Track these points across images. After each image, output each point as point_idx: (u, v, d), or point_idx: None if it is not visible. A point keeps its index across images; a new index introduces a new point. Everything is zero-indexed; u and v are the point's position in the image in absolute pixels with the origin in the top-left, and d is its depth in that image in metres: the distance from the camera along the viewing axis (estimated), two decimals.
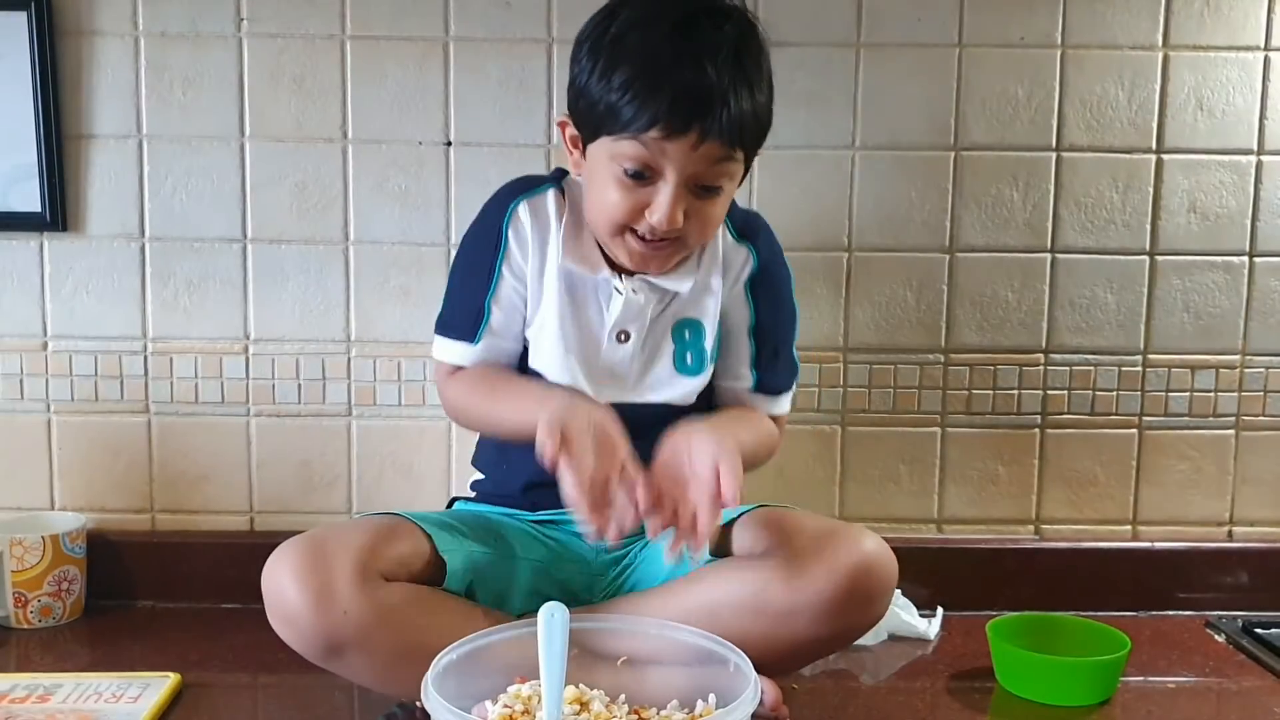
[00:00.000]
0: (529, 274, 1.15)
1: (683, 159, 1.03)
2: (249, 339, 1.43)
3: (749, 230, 1.19)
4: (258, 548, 1.41)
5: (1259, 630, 1.35)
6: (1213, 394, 1.46)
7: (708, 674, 0.97)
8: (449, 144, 1.41)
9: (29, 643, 1.32)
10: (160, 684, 1.16)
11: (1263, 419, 1.46)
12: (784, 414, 1.23)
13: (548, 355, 1.15)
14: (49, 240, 1.41)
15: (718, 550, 1.11)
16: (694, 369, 1.16)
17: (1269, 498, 1.48)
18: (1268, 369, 1.46)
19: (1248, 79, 1.41)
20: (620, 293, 1.13)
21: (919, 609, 1.38)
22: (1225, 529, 1.49)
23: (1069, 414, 1.46)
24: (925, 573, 1.43)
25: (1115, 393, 1.46)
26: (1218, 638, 1.37)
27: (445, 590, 1.07)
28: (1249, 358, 1.46)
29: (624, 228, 1.08)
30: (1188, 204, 1.43)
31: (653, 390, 1.15)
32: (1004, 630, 1.22)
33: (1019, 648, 1.19)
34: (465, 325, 1.17)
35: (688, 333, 1.16)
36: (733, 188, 1.11)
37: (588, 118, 1.07)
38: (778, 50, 1.39)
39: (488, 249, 1.16)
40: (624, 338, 1.14)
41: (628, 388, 1.15)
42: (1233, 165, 1.43)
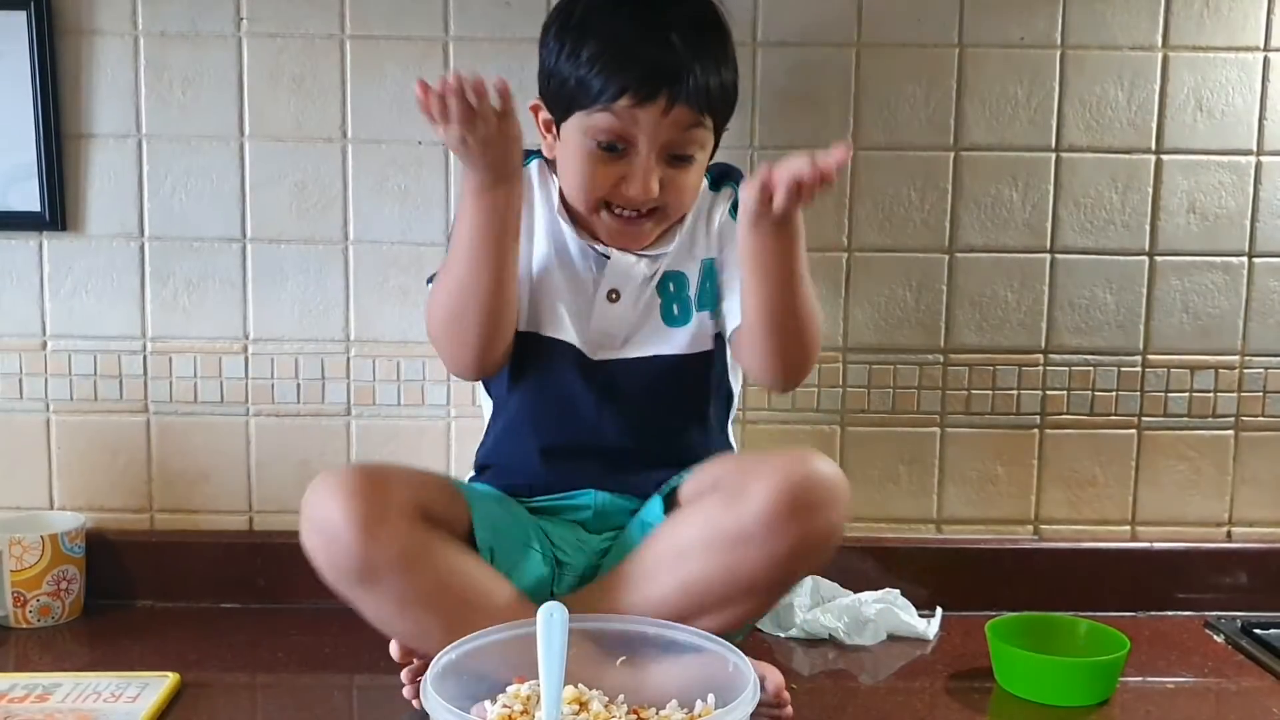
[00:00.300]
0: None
1: (654, 126, 1.07)
2: (248, 339, 1.43)
3: (725, 176, 1.23)
4: (257, 547, 1.44)
5: (1258, 631, 1.34)
6: (1212, 394, 1.46)
7: (707, 673, 0.97)
8: None
9: (28, 642, 1.32)
10: (159, 684, 1.15)
11: (1262, 419, 1.46)
12: None
13: (545, 314, 1.18)
14: (48, 240, 1.41)
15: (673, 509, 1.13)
16: (681, 319, 1.19)
17: (1268, 498, 1.48)
18: (1267, 369, 1.46)
19: (1247, 80, 1.41)
20: (608, 256, 1.17)
21: (918, 609, 1.37)
22: (1224, 529, 1.49)
23: (1068, 414, 1.46)
24: (924, 573, 1.43)
25: (1114, 393, 1.46)
26: (1217, 638, 1.37)
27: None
28: (1248, 358, 1.46)
29: (601, 203, 1.12)
30: (1187, 204, 1.43)
31: (644, 345, 1.18)
32: (1003, 630, 1.22)
33: (1018, 648, 1.19)
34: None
35: (672, 285, 1.19)
36: (704, 158, 1.15)
37: (559, 96, 1.11)
38: (778, 50, 1.41)
39: None
40: (614, 296, 1.18)
41: (618, 344, 1.18)
42: (1232, 166, 1.43)
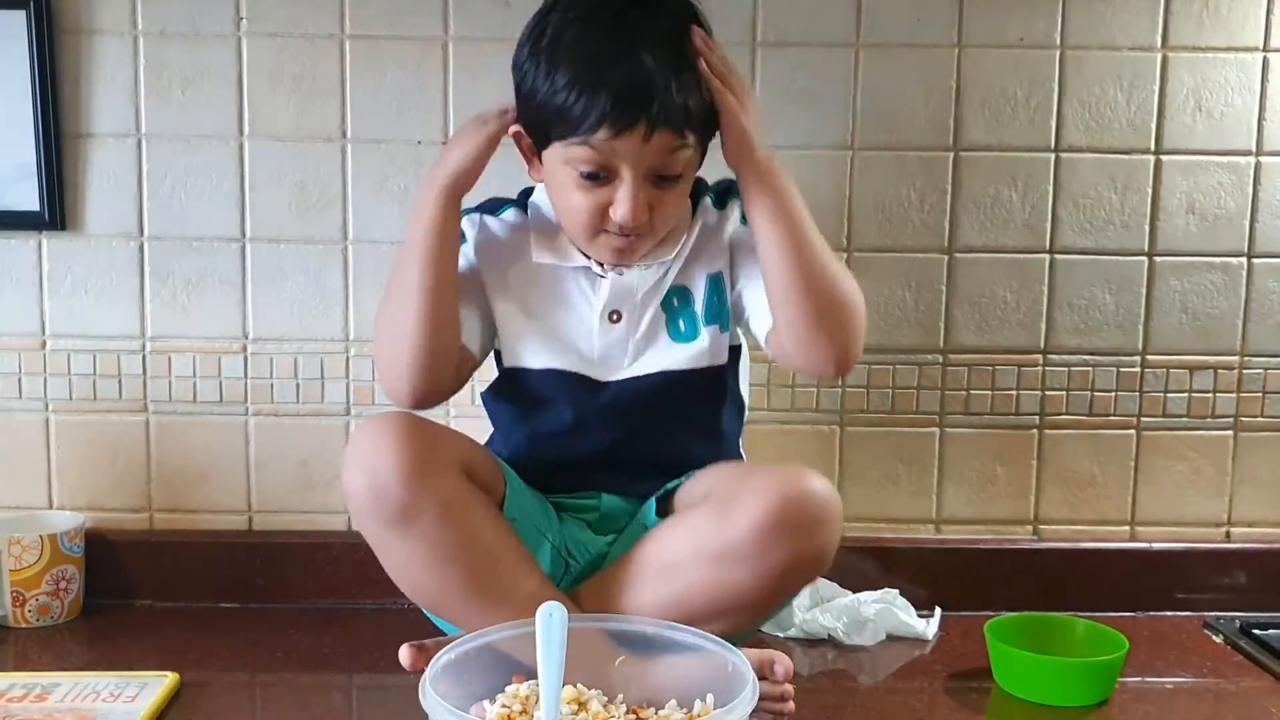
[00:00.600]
0: (488, 276, 1.17)
1: (635, 154, 1.04)
2: (247, 338, 1.43)
3: (730, 191, 1.19)
4: (256, 547, 1.44)
5: (1257, 631, 1.35)
6: (1211, 395, 1.46)
7: (706, 673, 0.97)
8: (448, 143, 1.40)
9: (27, 642, 1.32)
10: (158, 683, 1.15)
11: (1261, 420, 1.46)
12: None
13: (536, 351, 1.16)
14: (47, 239, 1.41)
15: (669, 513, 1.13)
16: (689, 334, 1.17)
17: (1267, 498, 1.48)
18: (1266, 370, 1.46)
19: (1246, 80, 1.41)
20: (603, 276, 1.15)
21: (917, 609, 1.38)
22: (1223, 530, 1.49)
23: (1067, 414, 1.46)
24: (923, 573, 1.43)
25: (1113, 393, 1.46)
26: (1216, 638, 1.37)
27: None
28: (1247, 359, 1.46)
29: (596, 229, 1.09)
30: (1186, 205, 1.43)
31: (650, 359, 1.16)
32: (1002, 631, 1.22)
33: (1017, 648, 1.19)
34: None
35: (676, 300, 1.17)
36: (692, 172, 1.11)
37: (537, 124, 1.08)
38: (777, 50, 1.41)
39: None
40: (615, 318, 1.16)
41: (624, 365, 1.16)
42: (1231, 166, 1.43)
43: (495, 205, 1.21)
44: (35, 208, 1.39)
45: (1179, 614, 1.44)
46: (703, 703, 0.96)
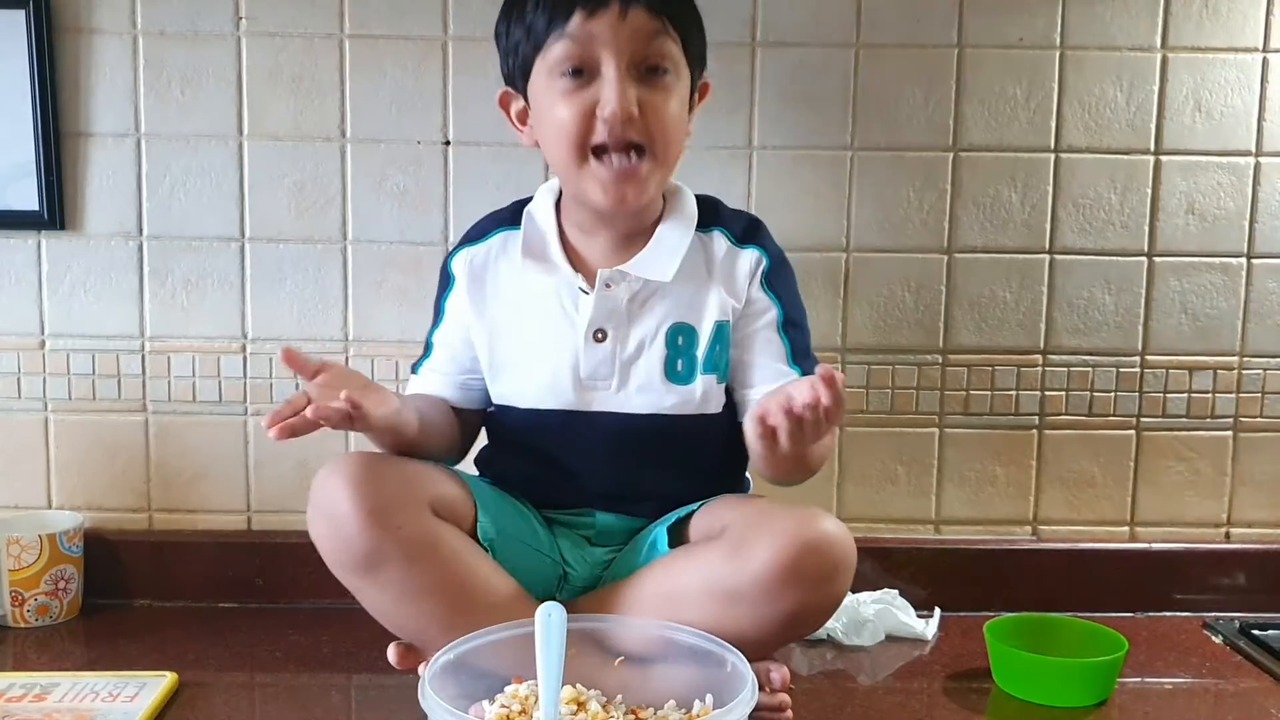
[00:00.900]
0: (474, 312, 1.17)
1: (614, 37, 1.02)
2: (247, 338, 1.43)
3: (751, 233, 1.17)
4: (255, 547, 1.44)
5: (1256, 631, 1.35)
6: (1210, 395, 1.46)
7: (705, 674, 0.97)
8: (448, 143, 1.41)
9: (26, 641, 1.31)
10: (157, 683, 1.15)
11: (1260, 420, 1.46)
12: None
13: (523, 376, 1.15)
14: (46, 239, 1.41)
15: (681, 539, 1.11)
16: (685, 377, 1.13)
17: (1266, 499, 1.48)
18: (1265, 370, 1.46)
19: (1246, 80, 1.41)
20: (587, 292, 1.12)
21: (916, 610, 1.38)
22: (1223, 530, 1.49)
23: (1067, 415, 1.46)
24: (923, 573, 1.43)
25: (1113, 394, 1.46)
26: (1215, 639, 1.37)
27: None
28: (1247, 359, 1.46)
29: (584, 147, 1.06)
30: (1186, 205, 1.43)
31: (640, 395, 1.13)
32: (1001, 631, 1.22)
33: (1016, 648, 1.19)
34: (419, 359, 1.23)
35: (681, 339, 1.13)
36: (682, 86, 1.09)
37: (517, 58, 1.09)
38: (777, 50, 1.41)
39: (439, 291, 1.22)
40: (600, 336, 1.12)
41: (612, 391, 1.13)
42: (1231, 167, 1.43)
43: (483, 230, 1.20)
44: (34, 207, 1.39)
45: (1178, 614, 1.44)
46: (702, 703, 0.96)
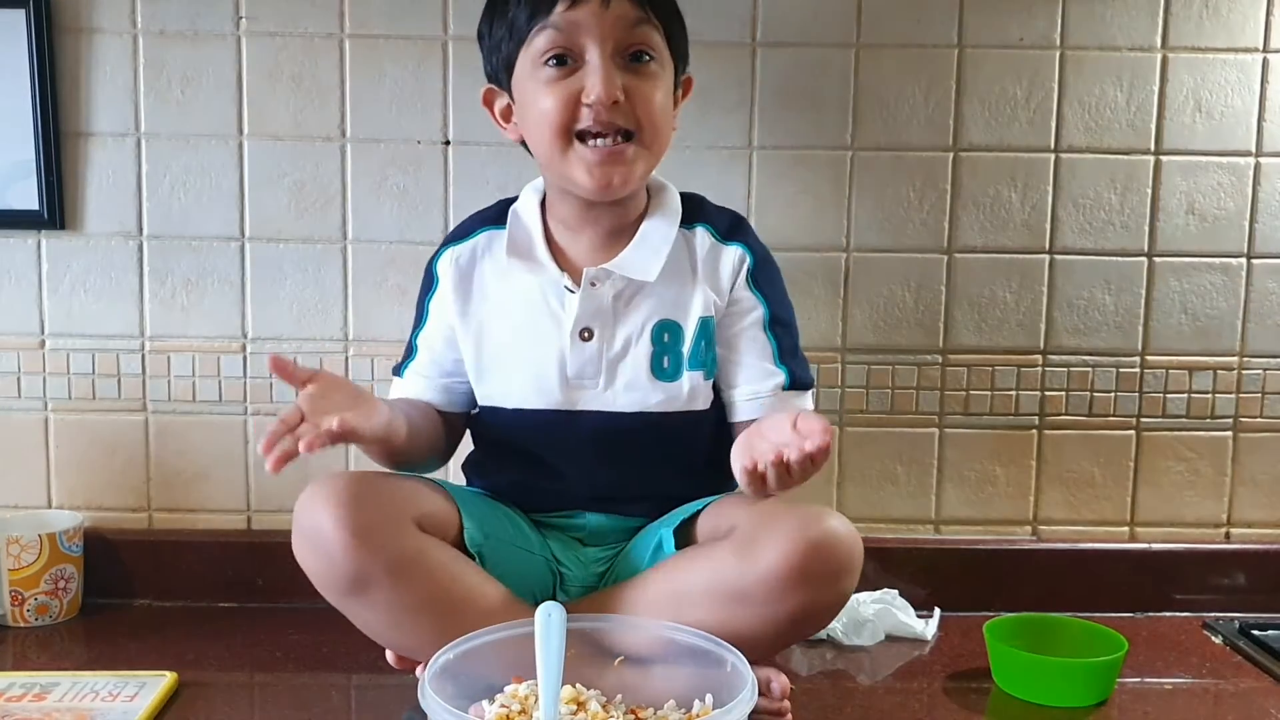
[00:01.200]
0: (458, 313, 1.16)
1: (597, 24, 1.03)
2: (247, 338, 1.43)
3: (735, 230, 1.17)
4: (255, 547, 1.44)
5: (1256, 632, 1.35)
6: (1210, 395, 1.46)
7: (705, 673, 0.97)
8: (447, 143, 1.41)
9: (25, 641, 1.31)
10: (157, 683, 1.15)
11: (1260, 420, 1.46)
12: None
13: (509, 376, 1.15)
14: (46, 238, 1.41)
15: (687, 539, 1.11)
16: (671, 374, 1.13)
17: (1266, 499, 1.48)
18: (1265, 370, 1.46)
19: (1246, 81, 1.41)
20: (573, 291, 1.12)
21: (916, 610, 1.38)
22: (1223, 530, 1.49)
23: (1066, 415, 1.46)
24: (922, 573, 1.43)
25: (1113, 394, 1.46)
26: (1215, 639, 1.37)
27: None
28: (1247, 359, 1.46)
29: (569, 133, 1.06)
30: (1186, 205, 1.43)
31: (627, 393, 1.13)
32: (1001, 631, 1.22)
33: (1016, 648, 1.19)
34: (402, 359, 1.22)
35: (667, 336, 1.13)
36: (666, 76, 1.09)
37: (500, 54, 1.10)
38: (777, 50, 1.41)
39: (422, 292, 1.21)
40: (587, 335, 1.12)
41: (599, 390, 1.13)
42: (1231, 167, 1.43)
43: (467, 229, 1.19)
44: (34, 207, 1.39)
45: (1178, 615, 1.44)
46: (701, 703, 0.96)
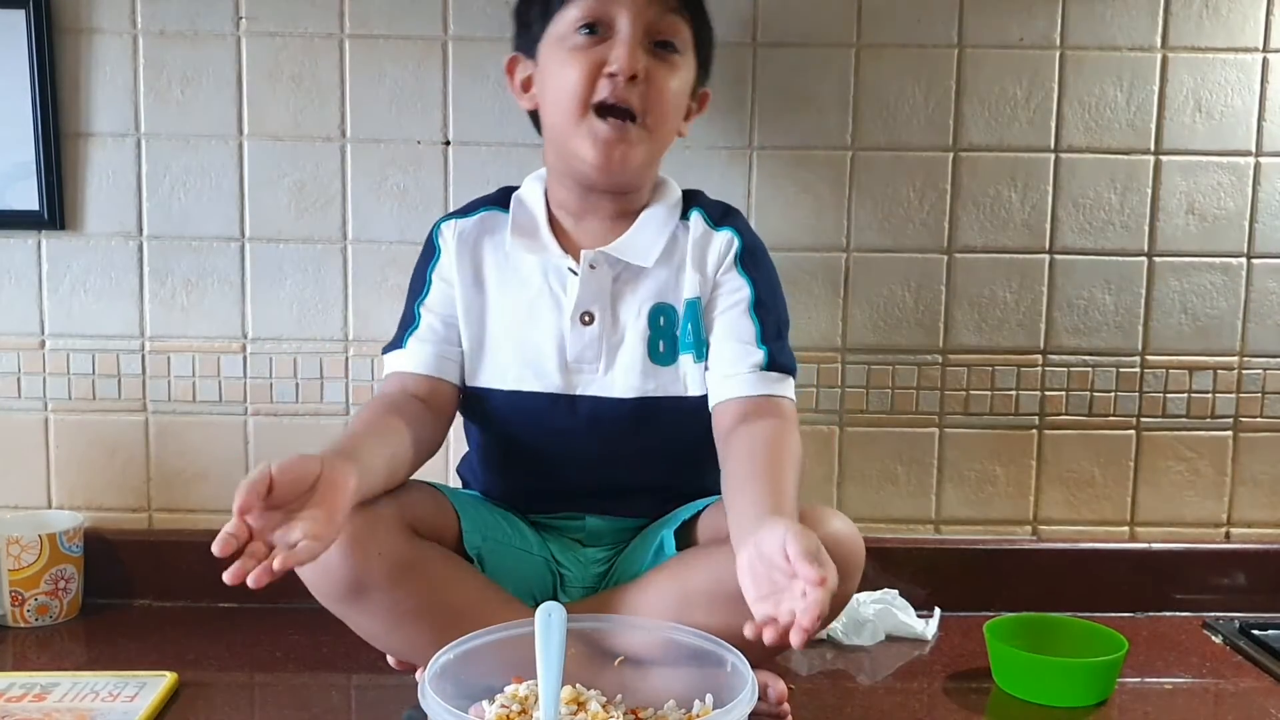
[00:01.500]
0: (460, 284, 1.16)
1: (633, 1, 1.06)
2: (247, 338, 1.43)
3: (727, 217, 1.18)
4: None
5: (1256, 631, 1.35)
6: (1210, 395, 1.46)
7: (705, 674, 0.97)
8: (448, 143, 1.41)
9: (25, 641, 1.31)
10: (157, 683, 1.15)
11: (1260, 420, 1.46)
12: (793, 402, 1.14)
13: (507, 356, 1.15)
14: (46, 238, 1.41)
15: (688, 541, 1.11)
16: (666, 358, 1.14)
17: (1266, 499, 1.48)
18: (1265, 370, 1.46)
19: (1246, 81, 1.41)
20: (575, 273, 1.13)
21: (916, 609, 1.38)
22: (1223, 530, 1.49)
23: (1067, 415, 1.46)
24: (923, 573, 1.43)
25: (1113, 394, 1.46)
26: (1215, 639, 1.37)
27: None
28: (1247, 359, 1.46)
29: (586, 103, 1.07)
30: (1186, 205, 1.43)
31: (625, 377, 1.13)
32: (1001, 631, 1.22)
33: (1016, 648, 1.19)
34: (399, 332, 1.19)
35: (663, 319, 1.14)
36: (687, 72, 1.11)
37: (531, 18, 1.11)
38: (777, 50, 1.41)
39: (423, 262, 1.20)
40: (588, 319, 1.13)
41: (598, 374, 1.13)
42: (1231, 167, 1.43)
43: (470, 207, 1.20)
44: (34, 207, 1.39)
45: (1178, 614, 1.44)
46: (701, 703, 0.96)
